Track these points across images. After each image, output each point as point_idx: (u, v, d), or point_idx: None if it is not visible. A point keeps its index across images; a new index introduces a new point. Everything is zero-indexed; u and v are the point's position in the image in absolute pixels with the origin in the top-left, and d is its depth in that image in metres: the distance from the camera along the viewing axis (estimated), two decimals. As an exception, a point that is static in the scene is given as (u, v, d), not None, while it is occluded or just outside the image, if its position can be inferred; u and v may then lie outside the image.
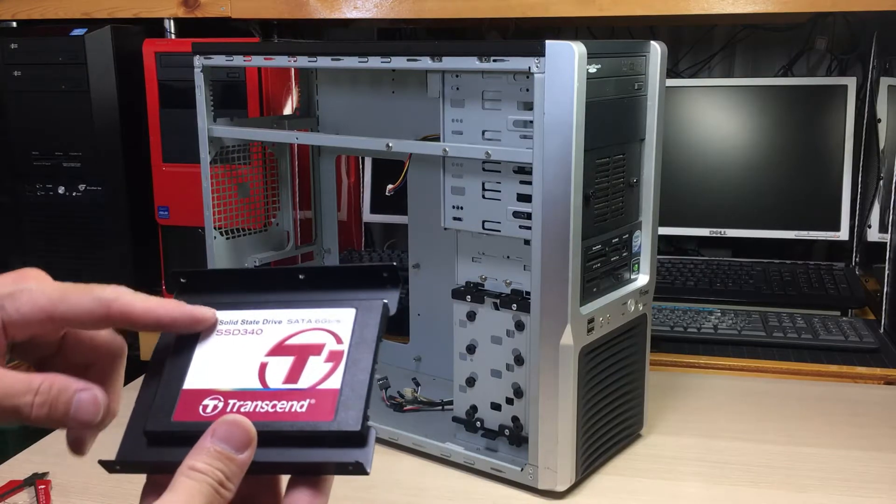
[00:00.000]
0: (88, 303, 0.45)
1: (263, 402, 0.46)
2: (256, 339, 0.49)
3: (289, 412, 0.45)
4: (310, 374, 0.46)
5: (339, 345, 0.47)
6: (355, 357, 0.47)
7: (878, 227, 1.57)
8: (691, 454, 0.99)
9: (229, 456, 0.43)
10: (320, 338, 0.48)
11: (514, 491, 0.92)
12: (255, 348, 0.48)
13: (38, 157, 1.43)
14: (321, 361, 0.47)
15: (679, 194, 1.60)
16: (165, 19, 1.45)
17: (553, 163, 0.82)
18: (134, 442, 0.47)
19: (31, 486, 0.91)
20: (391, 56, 0.92)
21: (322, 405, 0.45)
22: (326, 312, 0.49)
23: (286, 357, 0.48)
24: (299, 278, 0.51)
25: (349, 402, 0.45)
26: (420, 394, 1.09)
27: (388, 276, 0.50)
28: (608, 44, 0.88)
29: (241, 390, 0.47)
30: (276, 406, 0.45)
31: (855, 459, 0.98)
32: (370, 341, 0.47)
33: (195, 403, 0.47)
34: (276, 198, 1.22)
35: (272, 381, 0.47)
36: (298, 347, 0.48)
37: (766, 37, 1.68)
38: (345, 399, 0.45)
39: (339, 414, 0.44)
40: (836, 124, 1.55)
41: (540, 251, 0.85)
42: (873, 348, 1.24)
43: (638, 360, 0.99)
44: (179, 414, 0.46)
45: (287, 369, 0.47)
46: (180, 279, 0.53)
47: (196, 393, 0.47)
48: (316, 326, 0.49)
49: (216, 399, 0.46)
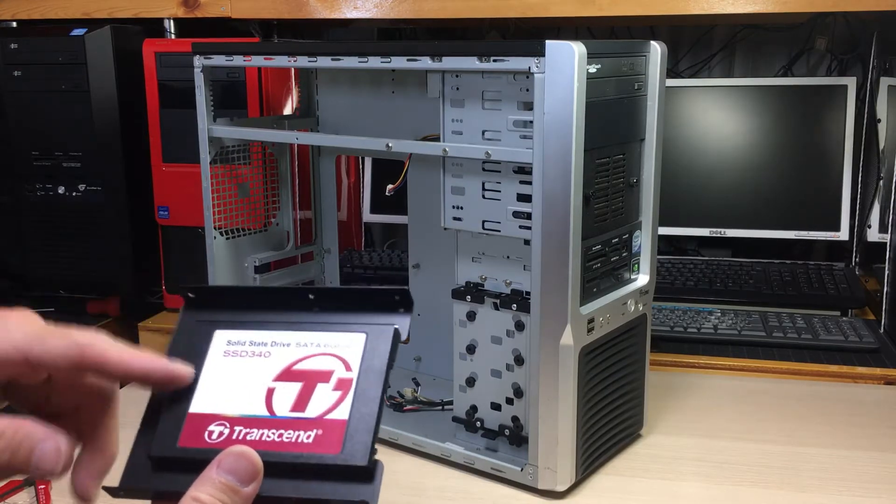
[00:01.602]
0: (63, 347, 0.44)
1: (270, 431, 0.45)
2: (264, 363, 0.48)
3: (295, 442, 0.44)
4: (317, 402, 0.46)
5: (349, 372, 0.47)
6: (364, 386, 0.46)
7: (878, 227, 1.57)
8: (691, 454, 0.99)
9: (234, 488, 0.42)
10: (329, 364, 0.47)
11: (513, 491, 0.92)
12: (262, 372, 0.48)
13: (38, 157, 1.43)
14: (329, 389, 0.46)
15: (679, 194, 1.60)
16: (165, 19, 1.45)
17: (553, 163, 0.82)
18: (138, 466, 0.47)
19: (31, 486, 0.91)
20: (391, 56, 0.92)
21: (329, 436, 0.44)
22: (336, 337, 0.48)
23: (294, 383, 0.47)
24: (309, 298, 0.50)
25: (356, 435, 0.44)
26: (420, 394, 1.09)
27: (399, 299, 0.49)
28: (608, 44, 0.88)
29: (247, 417, 0.46)
30: (282, 435, 0.45)
31: (855, 459, 0.98)
32: (380, 370, 0.46)
33: (201, 429, 0.46)
34: (276, 198, 1.22)
35: (279, 409, 0.46)
36: (306, 373, 0.47)
37: (766, 37, 1.68)
38: (352, 431, 0.44)
39: (347, 447, 0.44)
40: (836, 124, 1.55)
41: (540, 251, 0.85)
42: (873, 348, 1.24)
43: (638, 360, 0.99)
44: (185, 439, 0.46)
45: (294, 396, 0.46)
46: (188, 294, 0.52)
47: (202, 417, 0.46)
48: (325, 351, 0.48)
49: (222, 425, 0.46)
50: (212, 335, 0.50)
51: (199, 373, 0.48)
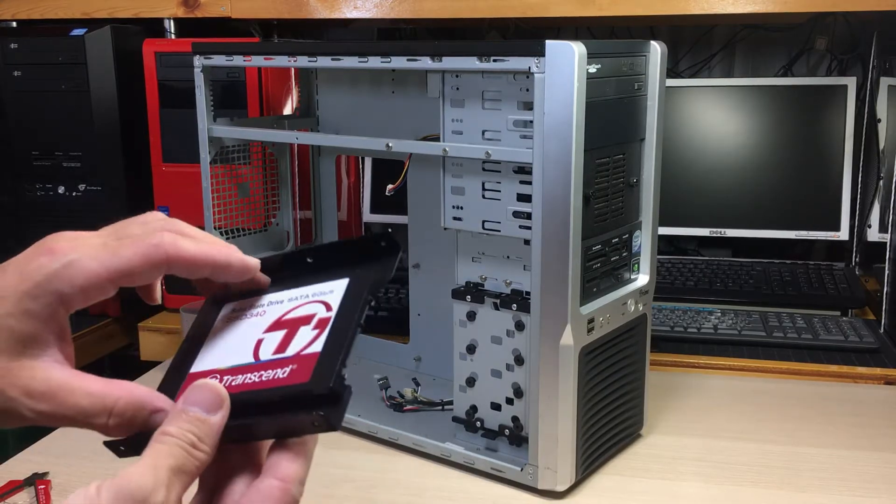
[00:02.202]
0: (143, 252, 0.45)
1: (252, 374, 0.47)
2: (259, 320, 0.51)
3: (271, 379, 0.46)
4: (297, 342, 0.48)
5: (328, 312, 0.48)
6: (340, 321, 0.48)
7: (878, 227, 1.57)
8: (691, 454, 0.99)
9: (200, 418, 0.43)
10: (312, 309, 0.49)
11: (513, 491, 0.92)
12: (255, 328, 0.50)
13: (38, 157, 1.43)
14: (309, 329, 0.48)
15: (679, 194, 1.60)
16: (165, 19, 1.45)
17: (553, 163, 0.82)
18: None
19: (31, 486, 0.91)
20: (391, 56, 0.92)
21: (301, 369, 0.46)
22: (322, 285, 0.51)
23: (280, 331, 0.49)
24: (307, 262, 0.53)
25: (326, 363, 0.45)
26: (420, 394, 1.09)
27: (385, 244, 0.51)
28: (608, 44, 0.88)
29: (236, 366, 0.48)
30: (262, 375, 0.46)
31: (855, 459, 0.98)
32: (354, 307, 0.48)
33: None
34: (276, 198, 1.22)
35: (264, 354, 0.48)
36: (292, 321, 0.49)
37: (766, 37, 1.68)
38: (322, 360, 0.46)
39: (315, 375, 0.45)
40: (836, 124, 1.55)
41: (540, 251, 0.85)
42: (873, 348, 1.24)
43: (638, 360, 0.99)
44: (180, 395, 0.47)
45: (278, 342, 0.48)
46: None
47: (200, 375, 0.49)
48: (311, 300, 0.50)
49: (215, 378, 0.47)
50: (220, 308, 0.53)
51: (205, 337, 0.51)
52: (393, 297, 1.40)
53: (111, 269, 0.44)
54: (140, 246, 0.45)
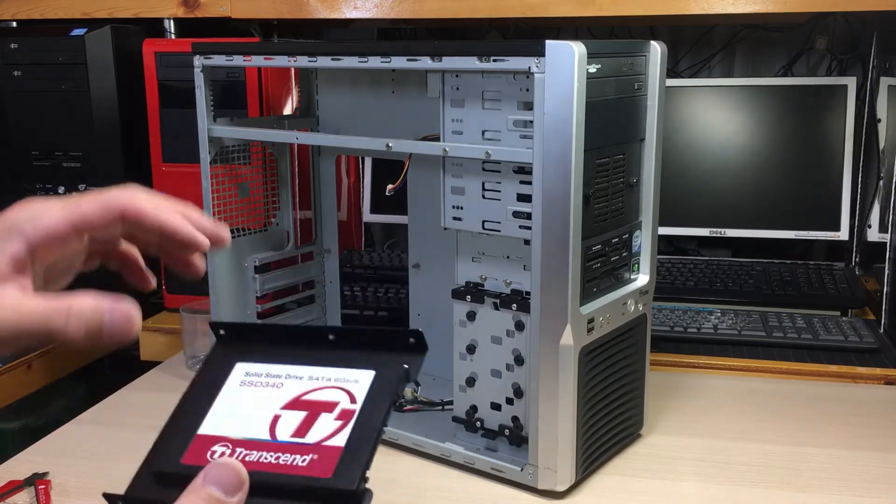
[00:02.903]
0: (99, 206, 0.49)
1: (268, 454, 0.46)
2: (275, 392, 0.50)
3: (290, 465, 0.45)
4: (318, 429, 0.47)
5: (353, 404, 0.48)
6: (365, 417, 0.47)
7: (878, 227, 1.57)
8: (691, 454, 0.99)
9: (220, 499, 0.43)
10: (336, 396, 0.48)
11: (513, 491, 0.92)
12: (272, 401, 0.49)
13: (38, 157, 1.43)
14: (332, 419, 0.47)
15: (679, 194, 1.60)
16: (165, 19, 1.45)
17: (553, 163, 0.82)
18: (143, 479, 0.48)
19: (31, 486, 0.91)
20: (391, 56, 0.92)
21: (324, 461, 0.45)
22: (346, 372, 0.50)
23: (299, 412, 0.48)
24: (329, 339, 0.52)
25: (350, 462, 0.45)
26: (420, 394, 1.09)
27: (414, 341, 0.50)
28: (608, 44, 0.88)
29: (250, 440, 0.47)
30: (279, 458, 0.46)
31: (855, 459, 0.98)
32: (382, 403, 0.48)
33: (205, 448, 0.47)
34: (276, 198, 1.22)
35: (281, 434, 0.47)
36: (313, 403, 0.48)
37: (766, 37, 1.68)
38: (346, 458, 0.45)
39: (339, 472, 0.45)
40: (836, 124, 1.55)
41: (540, 251, 0.85)
42: (873, 348, 1.24)
43: (638, 360, 0.98)
44: (189, 457, 0.47)
45: (297, 423, 0.47)
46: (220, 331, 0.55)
47: (208, 438, 0.48)
48: (334, 385, 0.49)
49: (225, 446, 0.47)
50: (233, 366, 0.52)
51: (215, 398, 0.50)
52: (393, 297, 1.40)
53: (72, 215, 0.48)
54: (99, 198, 0.50)
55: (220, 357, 0.53)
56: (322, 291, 1.29)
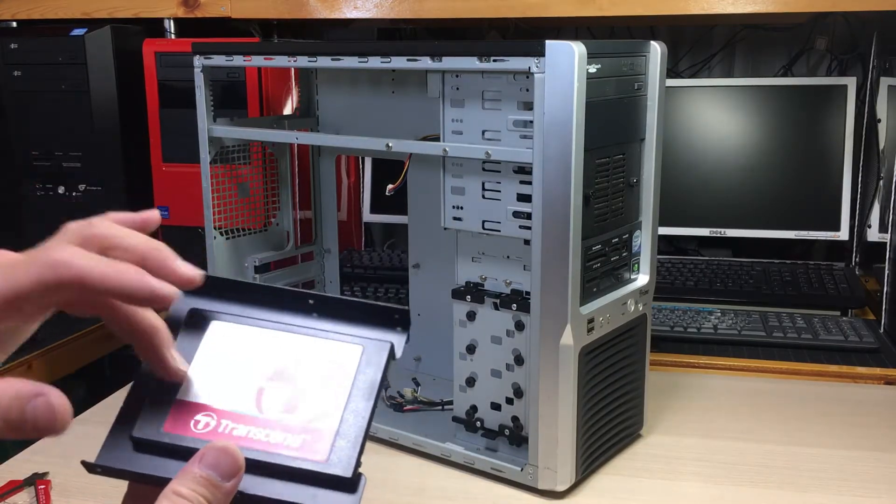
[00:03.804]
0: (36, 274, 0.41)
1: (257, 429, 0.45)
2: (257, 362, 0.48)
3: (282, 444, 0.44)
4: (307, 408, 0.46)
5: (343, 381, 0.47)
6: (356, 399, 0.46)
7: (878, 227, 1.57)
8: (691, 454, 0.99)
9: (215, 483, 0.42)
10: (323, 371, 0.47)
11: (514, 491, 0.92)
12: (255, 371, 0.47)
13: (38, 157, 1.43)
14: (321, 397, 0.46)
15: (679, 194, 1.60)
16: (165, 19, 1.45)
17: (553, 163, 0.82)
18: (118, 446, 0.46)
19: (31, 486, 0.91)
20: (391, 56, 0.92)
21: (316, 443, 0.44)
22: (332, 346, 0.48)
23: (285, 385, 0.47)
24: (308, 303, 0.50)
25: (343, 446, 0.44)
26: (420, 394, 1.09)
27: (398, 317, 0.49)
28: (608, 44, 0.88)
29: (235, 412, 0.46)
30: (269, 435, 0.45)
31: (855, 459, 0.98)
32: (372, 384, 0.47)
33: (187, 417, 0.46)
34: (276, 198, 1.22)
35: (268, 409, 0.46)
36: (299, 378, 0.47)
37: (766, 37, 1.68)
38: (339, 441, 0.44)
39: (333, 456, 0.44)
40: (836, 124, 1.55)
41: (540, 251, 0.85)
42: (873, 348, 1.24)
43: (638, 360, 0.98)
44: (170, 426, 0.45)
45: (285, 399, 0.46)
46: None
47: (189, 406, 0.46)
48: (321, 358, 0.48)
49: (209, 416, 0.45)
50: (207, 325, 0.49)
51: (191, 361, 0.48)
52: (393, 297, 1.40)
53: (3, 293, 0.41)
54: (33, 267, 0.41)
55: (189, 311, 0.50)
56: (322, 291, 1.28)
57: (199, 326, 0.49)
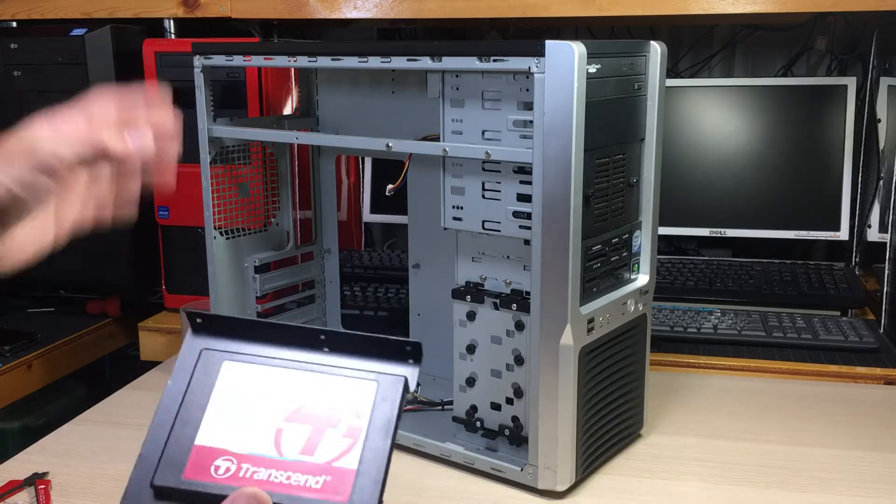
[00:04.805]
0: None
1: (277, 472, 0.45)
2: (273, 402, 0.48)
3: (303, 486, 0.45)
4: (326, 447, 0.46)
5: (358, 420, 0.47)
6: (373, 437, 0.47)
7: (878, 227, 1.57)
8: (691, 454, 0.99)
9: None
10: (339, 410, 0.47)
11: (514, 491, 0.92)
12: (270, 411, 0.47)
13: (37, 157, 1.43)
14: (339, 436, 0.46)
15: (679, 194, 1.60)
16: (165, 19, 1.45)
17: (553, 163, 0.82)
18: (139, 492, 0.46)
19: (31, 486, 0.91)
20: (391, 56, 0.92)
21: (338, 484, 0.45)
22: (347, 383, 0.48)
23: (303, 426, 0.47)
24: (320, 339, 0.50)
25: (365, 485, 0.45)
26: (420, 394, 1.09)
27: (410, 350, 0.49)
28: (608, 44, 0.88)
29: (255, 455, 0.46)
30: (290, 478, 0.45)
31: (855, 459, 0.98)
32: (389, 421, 0.47)
33: (207, 462, 0.46)
34: (276, 198, 1.22)
35: (287, 451, 0.46)
36: (316, 417, 0.47)
37: (766, 37, 1.68)
38: (360, 481, 0.45)
39: (355, 496, 0.44)
40: (836, 124, 1.55)
41: (540, 251, 0.85)
42: (873, 348, 1.24)
43: (638, 360, 0.99)
44: (190, 472, 0.46)
45: (303, 439, 0.46)
46: (196, 319, 0.51)
47: (208, 451, 0.46)
48: (336, 397, 0.48)
49: (229, 461, 0.46)
50: (220, 366, 0.50)
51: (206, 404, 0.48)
52: (393, 297, 1.40)
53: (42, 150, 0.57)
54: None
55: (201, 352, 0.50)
56: (322, 291, 1.29)
57: (212, 368, 0.50)
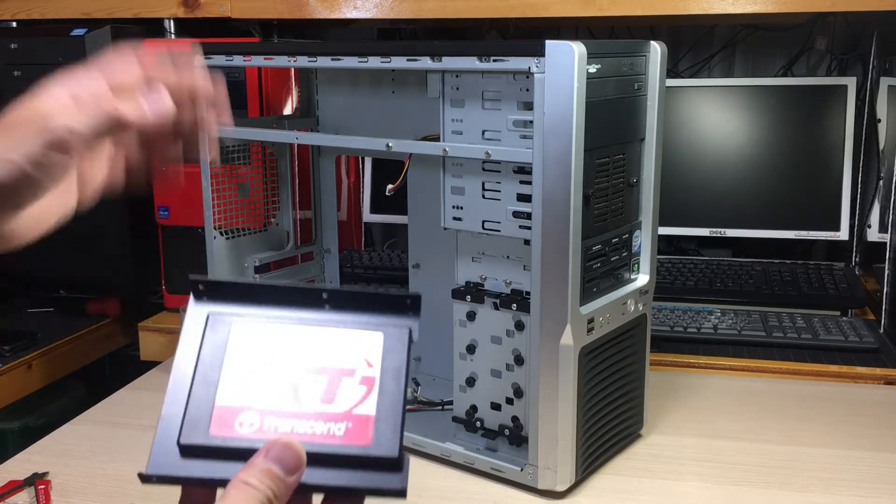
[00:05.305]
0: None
1: (300, 422, 0.46)
2: (286, 357, 0.49)
3: (327, 434, 0.46)
4: (345, 396, 0.47)
5: (370, 369, 0.48)
6: (387, 382, 0.48)
7: (878, 227, 1.57)
8: (691, 454, 0.99)
9: (280, 477, 0.44)
10: (351, 361, 0.49)
11: (513, 491, 0.92)
12: (285, 366, 0.48)
13: (37, 157, 1.43)
14: (355, 384, 0.48)
15: (679, 194, 1.60)
16: (165, 19, 1.45)
17: (553, 163, 0.82)
18: (166, 454, 0.47)
19: (31, 486, 0.91)
20: (391, 56, 0.92)
21: (359, 429, 0.46)
22: (354, 334, 0.50)
23: (319, 376, 0.48)
24: (322, 297, 0.51)
25: (385, 428, 0.47)
26: (420, 394, 1.09)
27: (410, 303, 0.51)
28: (608, 44, 0.88)
29: (277, 410, 0.47)
30: (313, 427, 0.46)
31: (855, 459, 0.98)
32: (400, 368, 0.49)
33: (231, 419, 0.47)
34: (276, 198, 1.22)
35: (307, 402, 0.47)
36: (330, 368, 0.48)
37: (766, 37, 1.68)
38: (380, 425, 0.47)
39: (376, 439, 0.46)
40: (836, 124, 1.55)
41: (540, 251, 0.85)
42: (873, 348, 1.24)
43: (638, 360, 0.98)
44: (216, 429, 0.46)
45: (322, 390, 0.47)
46: (198, 285, 0.51)
47: (230, 409, 0.47)
48: (346, 349, 0.49)
49: (252, 416, 0.46)
50: (229, 327, 0.50)
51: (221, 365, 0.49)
52: (393, 297, 1.39)
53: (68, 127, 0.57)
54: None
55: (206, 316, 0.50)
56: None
57: (221, 330, 0.50)
